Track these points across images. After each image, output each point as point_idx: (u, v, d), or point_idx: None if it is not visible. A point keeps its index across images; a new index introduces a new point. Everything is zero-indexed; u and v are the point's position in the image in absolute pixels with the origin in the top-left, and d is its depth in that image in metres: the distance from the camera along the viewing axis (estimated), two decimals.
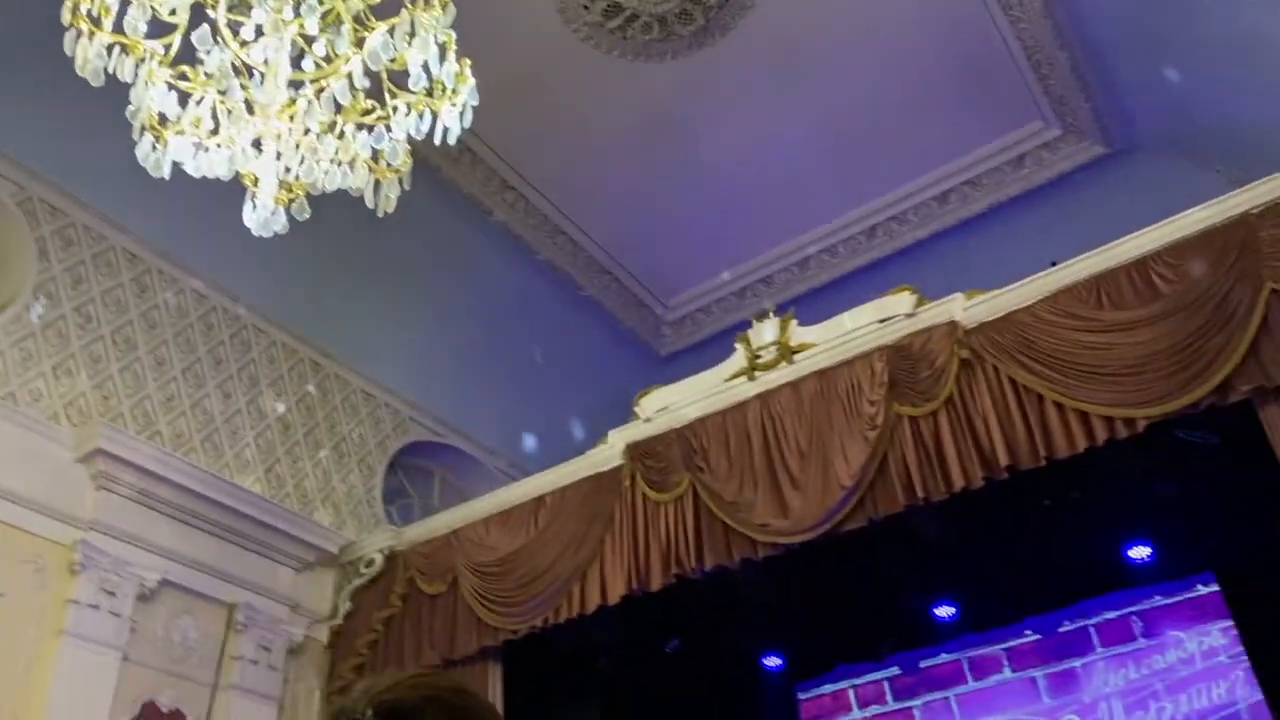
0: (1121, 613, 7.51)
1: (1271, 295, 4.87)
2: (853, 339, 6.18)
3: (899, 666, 8.20)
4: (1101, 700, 7.38)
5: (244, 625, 6.63)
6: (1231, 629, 7.07)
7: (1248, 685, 6.91)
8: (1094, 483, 6.11)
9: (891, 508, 5.70)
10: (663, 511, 6.42)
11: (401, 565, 7.28)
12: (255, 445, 7.21)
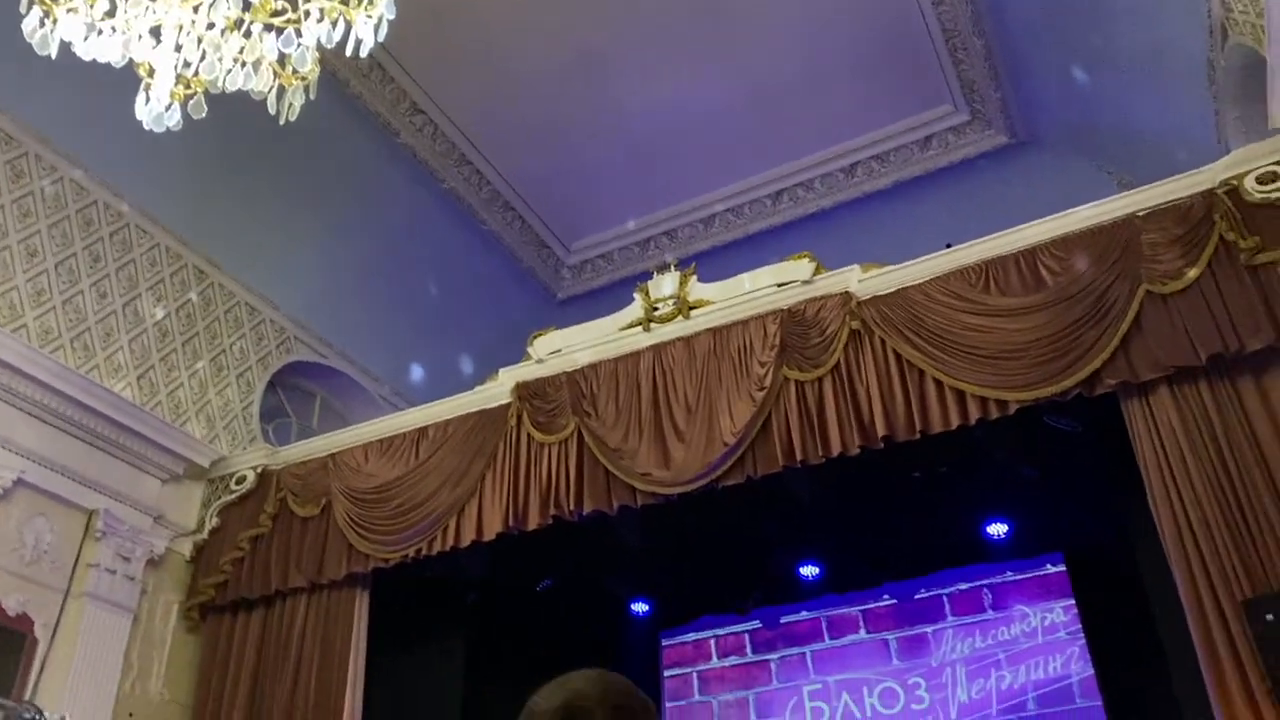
0: (974, 585, 7.87)
1: (1146, 296, 5.11)
2: (750, 300, 6.26)
3: (760, 621, 8.45)
4: (947, 666, 7.75)
5: (103, 533, 6.41)
6: (1073, 607, 7.50)
7: (1082, 661, 7.34)
8: (962, 460, 6.35)
9: (770, 467, 5.83)
10: (546, 453, 6.43)
11: (274, 485, 7.13)
12: (129, 349, 6.93)
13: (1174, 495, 4.90)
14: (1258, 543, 4.64)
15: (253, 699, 6.65)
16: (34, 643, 6.01)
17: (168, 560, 6.96)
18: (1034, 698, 7.39)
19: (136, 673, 6.54)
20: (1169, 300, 5.07)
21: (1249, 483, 4.72)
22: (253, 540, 6.99)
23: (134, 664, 6.53)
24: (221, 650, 6.88)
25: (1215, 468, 4.83)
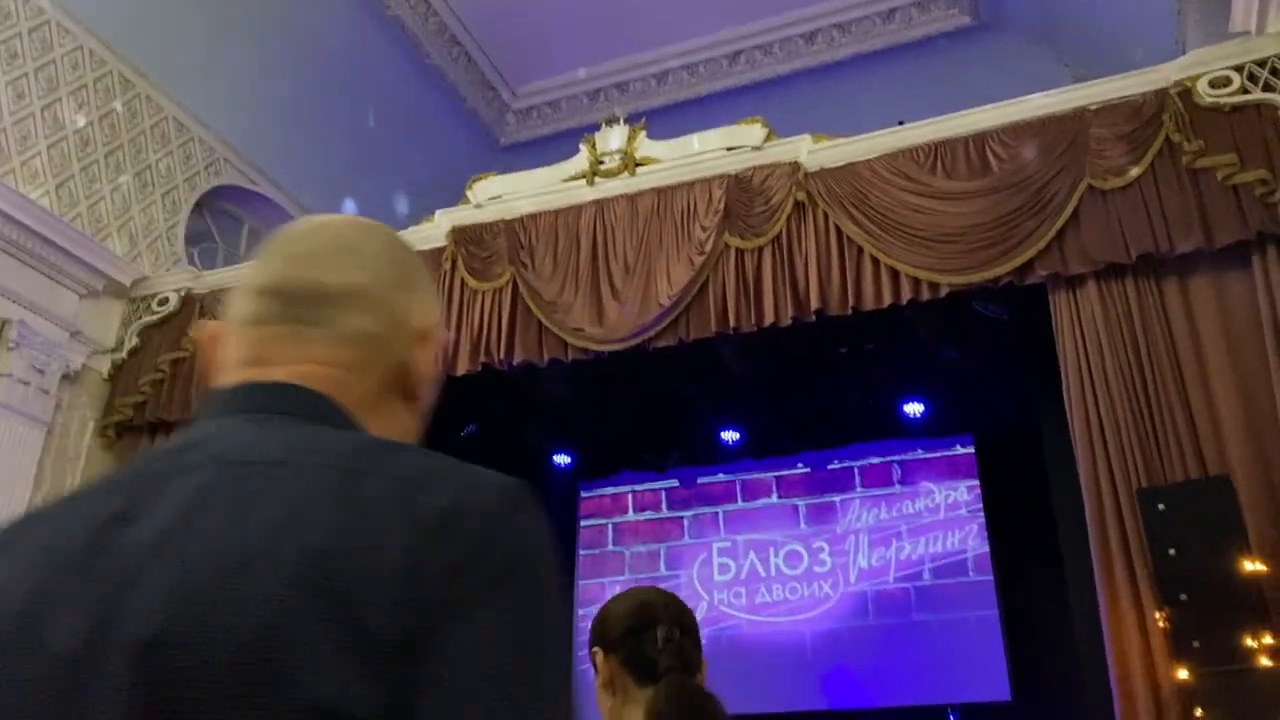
0: (885, 459, 8.14)
1: (1087, 190, 5.16)
2: (697, 162, 6.17)
3: (678, 479, 8.67)
4: (851, 533, 8.07)
5: (16, 343, 6.24)
6: (977, 488, 7.82)
7: (979, 538, 7.71)
8: (888, 339, 6.48)
9: (703, 332, 5.87)
10: (480, 300, 6.38)
11: (198, 309, 6.98)
12: (47, 156, 6.61)
13: (1087, 387, 5.06)
14: (1159, 438, 4.85)
15: None
16: None
17: (84, 377, 6.83)
18: (930, 569, 7.76)
19: (49, 486, 6.48)
20: (1108, 196, 5.13)
21: (1159, 380, 4.90)
22: (174, 363, 6.88)
23: (47, 477, 6.47)
24: None
25: (1130, 363, 4.99)
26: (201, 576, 0.62)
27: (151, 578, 0.63)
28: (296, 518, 0.64)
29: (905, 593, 7.76)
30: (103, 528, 0.68)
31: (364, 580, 0.60)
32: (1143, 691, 4.52)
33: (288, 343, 0.81)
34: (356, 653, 0.58)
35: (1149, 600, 4.63)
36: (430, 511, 0.64)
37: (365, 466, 0.68)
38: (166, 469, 0.71)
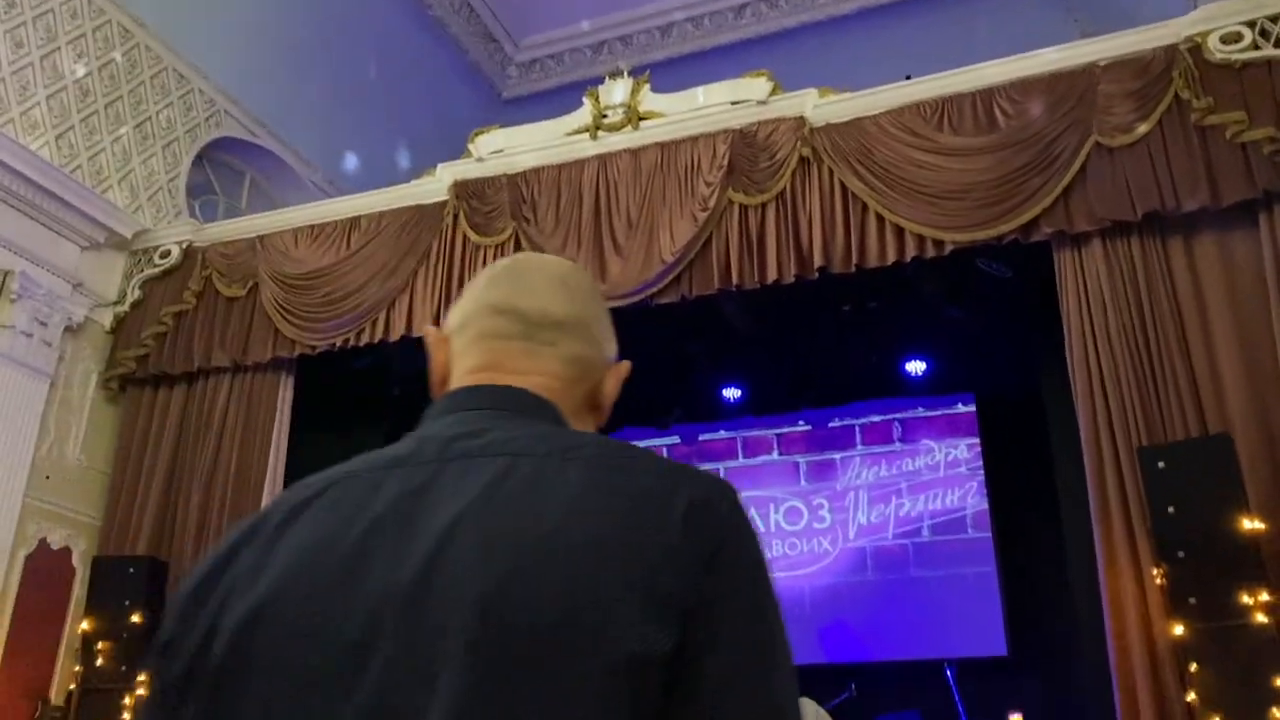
0: (886, 417, 8.17)
1: (1094, 148, 5.13)
2: (702, 116, 6.12)
3: (679, 436, 8.70)
4: (851, 490, 8.12)
5: (19, 294, 6.23)
6: (977, 446, 7.85)
7: (978, 496, 7.75)
8: (891, 296, 6.47)
9: (705, 289, 5.86)
10: (482, 255, 6.36)
11: (199, 262, 6.97)
12: (47, 106, 6.56)
13: (1090, 345, 5.07)
14: (1160, 397, 4.86)
15: (172, 473, 6.70)
16: None
17: (87, 329, 6.83)
18: (929, 526, 7.81)
19: (54, 438, 6.51)
20: (1115, 154, 5.10)
21: (1162, 339, 4.90)
22: (176, 316, 6.88)
23: (51, 429, 6.49)
24: (141, 423, 6.86)
25: (1133, 321, 4.99)
26: (515, 546, 0.77)
27: (471, 541, 0.77)
28: (586, 503, 0.79)
29: (904, 549, 7.82)
30: (415, 493, 0.83)
31: (651, 557, 0.76)
32: (1138, 646, 4.57)
33: (523, 356, 0.99)
34: (653, 612, 0.73)
35: (1146, 557, 4.66)
36: (690, 503, 0.80)
37: (622, 462, 0.84)
38: (457, 452, 0.86)
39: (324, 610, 0.79)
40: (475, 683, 0.72)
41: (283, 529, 0.87)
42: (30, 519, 6.30)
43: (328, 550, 0.82)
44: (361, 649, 0.76)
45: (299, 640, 0.78)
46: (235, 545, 0.89)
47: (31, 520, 6.31)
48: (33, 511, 6.31)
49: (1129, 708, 4.58)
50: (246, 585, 0.83)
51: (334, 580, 0.80)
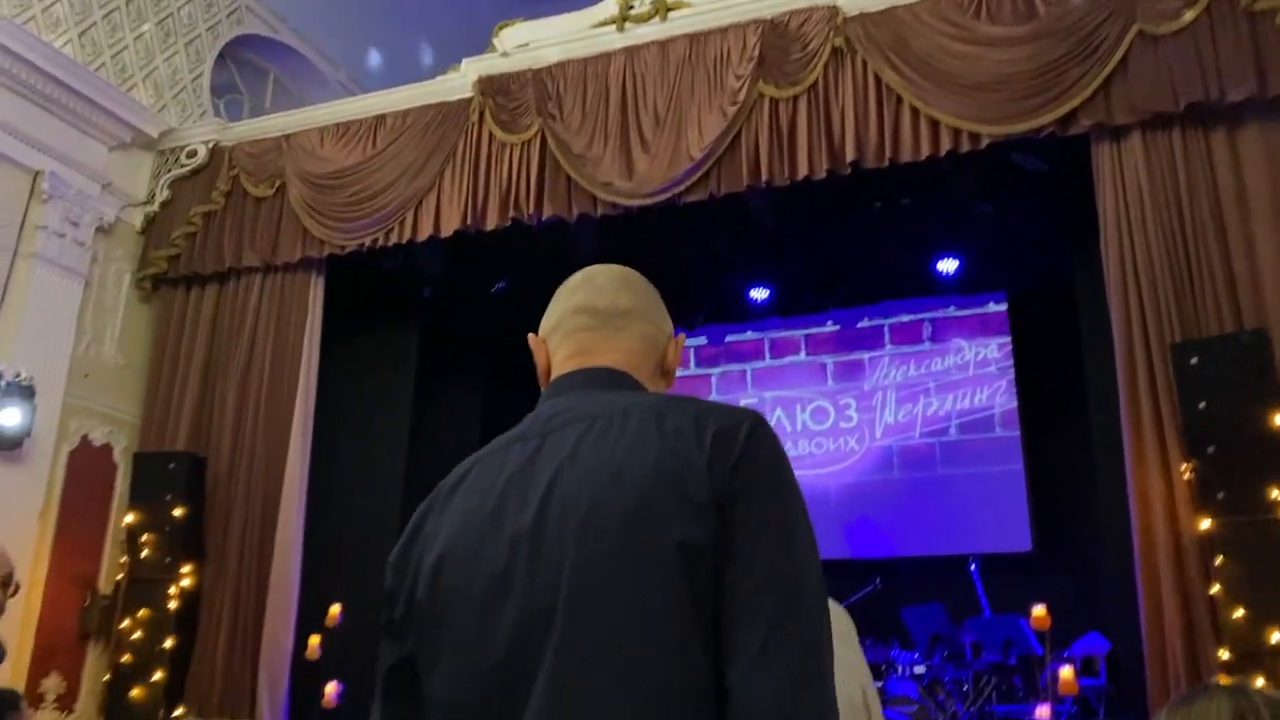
0: (916, 317, 8.12)
1: (1137, 36, 4.96)
2: (732, 6, 5.96)
3: (706, 338, 8.71)
4: (879, 390, 8.13)
5: (49, 195, 6.26)
6: (1008, 345, 7.81)
7: (1007, 395, 7.74)
8: (925, 192, 6.37)
9: (734, 186, 5.79)
10: (508, 152, 6.30)
11: (226, 162, 6.95)
12: (68, 2, 6.48)
13: (1126, 240, 4.99)
14: (1196, 292, 4.80)
15: (207, 371, 6.80)
16: None
17: (118, 229, 6.87)
18: (956, 425, 7.83)
19: (90, 337, 6.60)
20: (1159, 42, 4.93)
21: (1200, 234, 4.81)
22: (205, 216, 6.90)
23: (87, 329, 6.58)
24: (175, 322, 6.94)
25: (1171, 216, 4.90)
26: (596, 481, 1.09)
27: (568, 484, 1.11)
28: (641, 444, 1.10)
29: (931, 448, 7.86)
30: (529, 459, 1.16)
31: (688, 475, 1.06)
32: (1164, 541, 4.60)
33: (602, 341, 1.28)
34: (694, 514, 1.04)
35: (1175, 453, 4.66)
36: (715, 432, 1.09)
37: (668, 410, 1.14)
38: (555, 424, 1.18)
39: (479, 553, 1.13)
40: (582, 577, 1.05)
41: (449, 500, 1.21)
42: (71, 416, 6.44)
43: (478, 512, 1.16)
44: (506, 574, 1.09)
45: (466, 576, 1.12)
46: (423, 515, 1.24)
47: (73, 418, 6.45)
48: (73, 409, 6.45)
49: (1152, 600, 4.63)
50: (431, 544, 1.18)
51: (483, 533, 1.14)
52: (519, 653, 1.06)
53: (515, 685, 1.05)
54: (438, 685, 1.11)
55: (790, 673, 0.98)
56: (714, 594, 1.02)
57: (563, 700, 1.01)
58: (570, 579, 1.05)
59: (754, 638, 0.99)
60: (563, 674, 1.02)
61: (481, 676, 1.08)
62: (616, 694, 1.00)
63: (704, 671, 1.00)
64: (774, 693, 0.97)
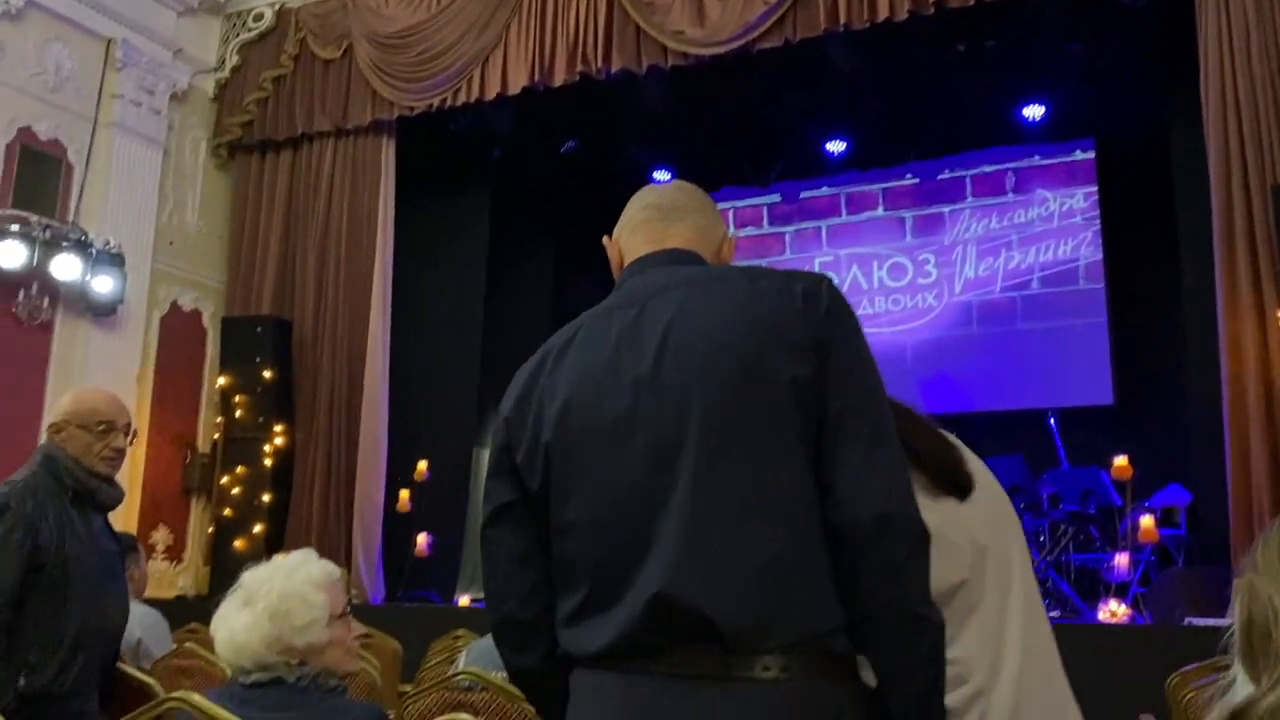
0: (999, 167, 7.85)
1: None
2: None
3: (780, 194, 8.54)
4: (959, 244, 7.94)
5: (123, 63, 6.31)
6: (1094, 194, 7.53)
7: (1092, 246, 7.50)
8: (1011, 33, 6.08)
9: (810, 31, 5.58)
10: (574, 4, 6.14)
11: (293, 24, 6.90)
12: None
13: (1228, 76, 4.72)
14: None
15: (286, 237, 6.91)
16: (69, 168, 6.13)
17: (192, 96, 6.91)
18: (1039, 278, 7.65)
19: (172, 205, 6.74)
20: None
21: None
22: (275, 81, 6.90)
23: (169, 196, 6.71)
24: (252, 189, 7.04)
25: (1278, 51, 4.60)
26: (707, 332, 1.24)
27: (681, 336, 1.24)
28: (742, 301, 1.26)
29: (1011, 302, 7.70)
30: (634, 322, 1.29)
31: (788, 324, 1.22)
32: (1254, 388, 4.50)
33: (667, 228, 1.43)
34: (797, 354, 1.20)
35: (1271, 299, 4.51)
36: (804, 290, 1.25)
37: (757, 274, 1.31)
38: (651, 292, 1.32)
39: (603, 399, 1.25)
40: (707, 412, 1.19)
41: (560, 359, 1.33)
42: (160, 283, 6.63)
43: (594, 366, 1.28)
44: (631, 414, 1.23)
45: (594, 418, 1.25)
46: (534, 374, 1.35)
47: (161, 284, 6.65)
48: (162, 276, 6.64)
49: (1240, 450, 4.55)
50: (550, 396, 1.30)
51: (604, 382, 1.26)
52: (652, 477, 1.19)
53: (651, 504, 1.19)
54: (573, 511, 1.24)
55: (887, 477, 1.17)
56: (815, 420, 1.18)
57: (697, 511, 1.16)
58: (696, 415, 1.19)
59: (856, 453, 1.17)
60: (696, 491, 1.17)
61: (617, 499, 1.21)
62: (745, 505, 1.16)
63: (810, 484, 1.17)
64: (876, 494, 1.15)
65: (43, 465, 2.45)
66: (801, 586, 1.14)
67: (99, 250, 5.99)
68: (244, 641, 1.75)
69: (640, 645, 1.15)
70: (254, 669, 1.75)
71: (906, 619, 1.15)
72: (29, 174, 5.88)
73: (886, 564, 1.14)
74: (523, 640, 1.30)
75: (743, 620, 1.11)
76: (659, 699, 1.14)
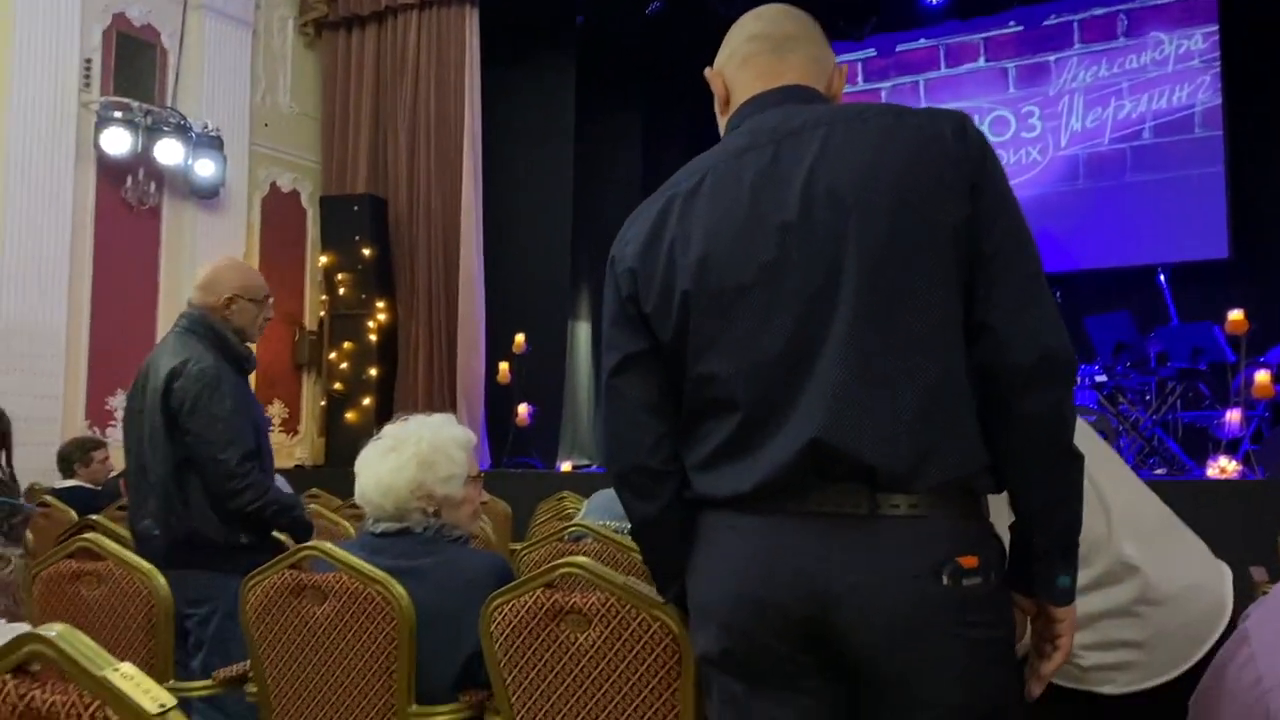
0: (1110, 10, 7.39)
1: None
2: None
3: (875, 49, 8.22)
4: (1066, 94, 7.57)
5: None
6: (1215, 34, 7.05)
7: (1210, 90, 7.07)
8: None
9: None
10: None
11: None
12: None
13: None
14: None
15: (376, 114, 6.94)
16: (164, 53, 6.22)
17: None
18: (1150, 127, 7.26)
19: (265, 86, 6.81)
20: None
21: None
22: None
23: (261, 78, 6.78)
24: (340, 66, 7.05)
25: None
26: (857, 172, 1.19)
27: (827, 178, 1.20)
28: (890, 139, 1.20)
29: (1120, 154, 7.34)
30: (770, 163, 1.24)
31: (943, 162, 1.18)
32: None
33: (779, 63, 1.35)
34: (951, 194, 1.18)
35: None
36: (953, 129, 1.21)
37: (903, 111, 1.24)
38: (784, 131, 1.26)
39: (746, 247, 1.22)
40: (861, 255, 1.17)
41: (689, 204, 1.28)
42: (258, 165, 6.76)
43: (732, 212, 1.24)
44: (779, 262, 1.20)
45: (737, 268, 1.22)
46: (659, 219, 1.30)
47: (260, 166, 6.77)
48: (259, 158, 6.76)
49: None
50: (684, 244, 1.26)
51: (746, 229, 1.22)
52: (803, 325, 1.19)
53: (801, 351, 1.19)
54: (715, 361, 1.24)
55: (1046, 316, 1.18)
56: (967, 263, 1.17)
57: (854, 356, 1.16)
58: (852, 259, 1.17)
59: (1013, 294, 1.17)
60: (853, 336, 1.17)
61: (764, 348, 1.21)
62: (901, 350, 1.17)
63: (959, 327, 1.18)
64: (1038, 333, 1.16)
65: (206, 337, 2.53)
66: (954, 429, 1.16)
67: (198, 134, 6.12)
68: (390, 483, 1.84)
69: (787, 487, 1.17)
70: (393, 511, 1.84)
71: (1065, 453, 1.18)
72: (126, 61, 5.99)
73: (1050, 401, 1.16)
74: (649, 488, 1.31)
75: (897, 463, 1.14)
76: (800, 536, 1.17)
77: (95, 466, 4.62)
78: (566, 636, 1.57)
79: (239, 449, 2.41)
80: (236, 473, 2.40)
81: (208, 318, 2.56)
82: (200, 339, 2.53)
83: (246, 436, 2.45)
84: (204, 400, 2.41)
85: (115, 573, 1.99)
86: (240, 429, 2.44)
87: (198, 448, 2.41)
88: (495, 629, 1.63)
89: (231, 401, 2.44)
